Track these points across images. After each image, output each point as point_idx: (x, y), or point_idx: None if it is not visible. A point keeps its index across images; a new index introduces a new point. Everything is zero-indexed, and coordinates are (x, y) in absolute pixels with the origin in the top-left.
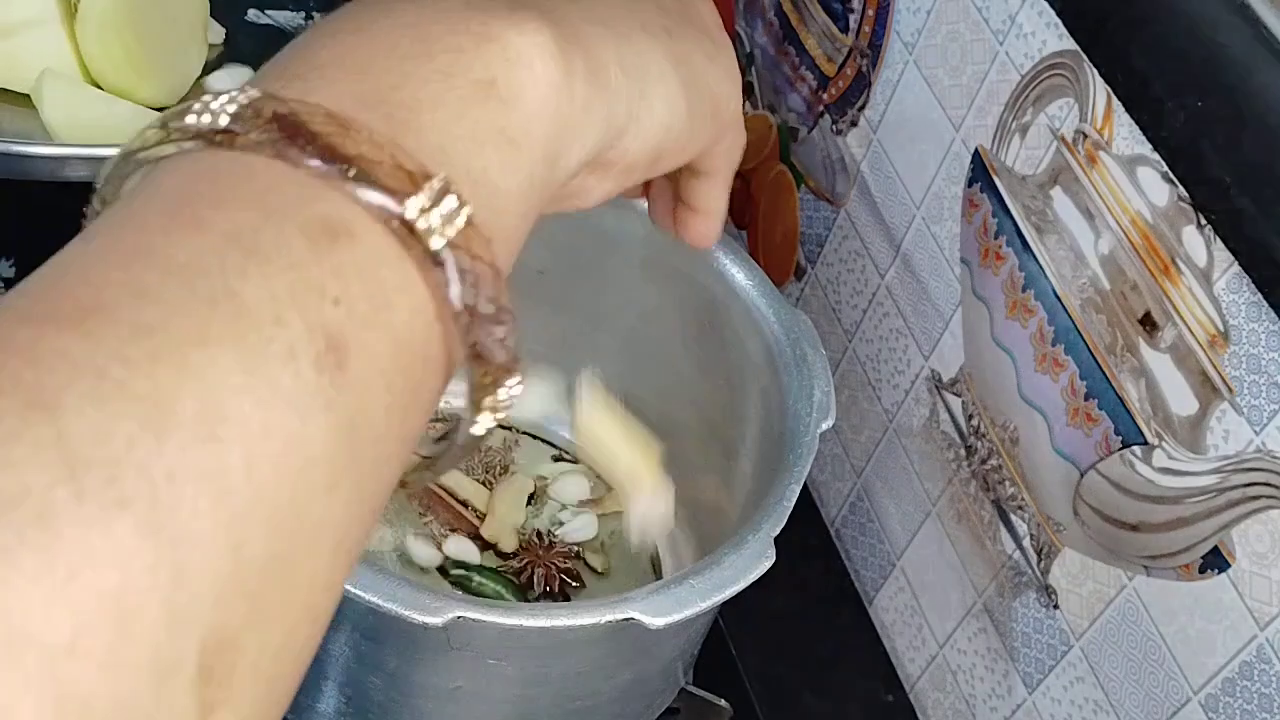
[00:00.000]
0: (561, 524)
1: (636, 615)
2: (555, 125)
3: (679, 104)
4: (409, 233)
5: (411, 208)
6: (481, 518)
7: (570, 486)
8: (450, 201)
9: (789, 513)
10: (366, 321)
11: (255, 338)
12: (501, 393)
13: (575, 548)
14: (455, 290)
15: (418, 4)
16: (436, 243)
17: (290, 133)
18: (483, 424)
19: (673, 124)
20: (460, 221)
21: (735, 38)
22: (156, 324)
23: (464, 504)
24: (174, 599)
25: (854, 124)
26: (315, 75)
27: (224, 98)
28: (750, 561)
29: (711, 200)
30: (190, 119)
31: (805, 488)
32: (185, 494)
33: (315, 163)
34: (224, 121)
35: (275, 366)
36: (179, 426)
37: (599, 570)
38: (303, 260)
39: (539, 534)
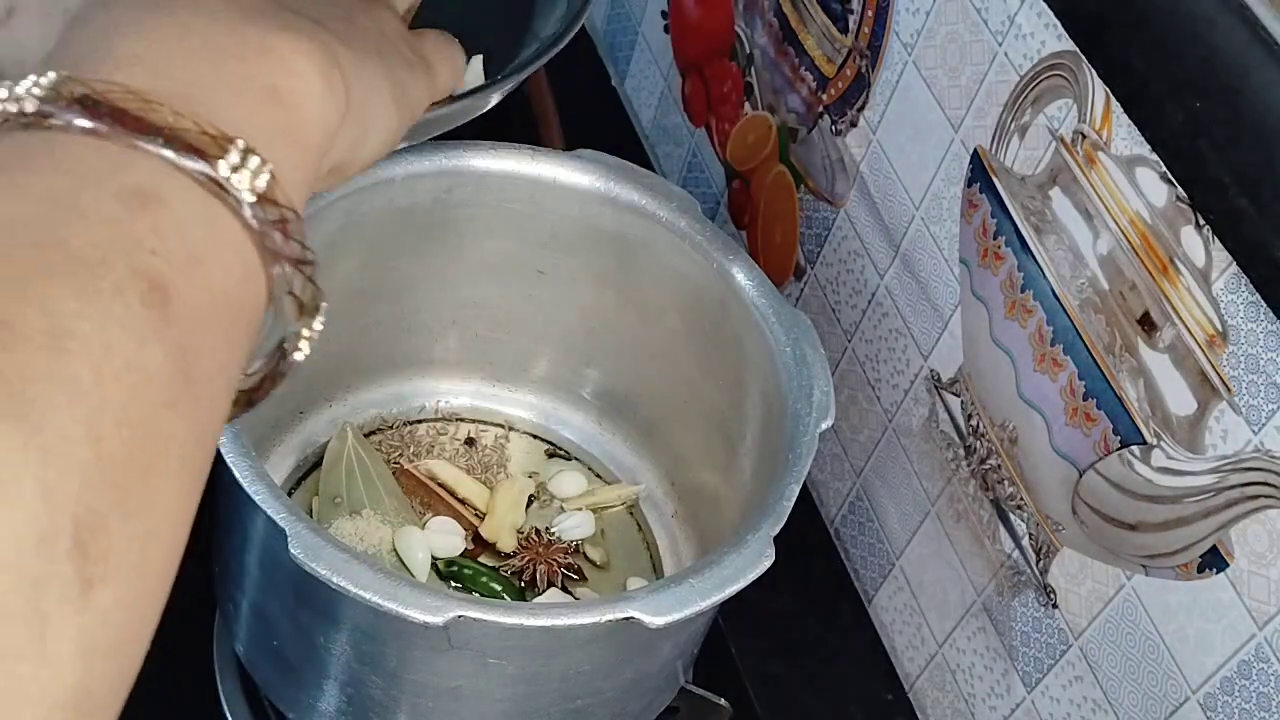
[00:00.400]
0: (559, 521)
1: (636, 614)
2: (323, 132)
3: (393, 121)
4: (221, 189)
5: (223, 167)
6: (481, 516)
7: (567, 483)
8: (254, 160)
9: (789, 512)
10: (184, 270)
11: (85, 274)
12: (315, 322)
13: (575, 542)
14: (273, 237)
15: (193, 6)
16: (248, 195)
17: (97, 110)
18: (303, 351)
19: (390, 139)
20: (265, 177)
21: (735, 38)
22: None
23: (463, 502)
24: (44, 476)
25: (853, 124)
26: (111, 64)
27: (27, 82)
28: (750, 561)
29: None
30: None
31: (805, 487)
32: (40, 391)
33: (125, 133)
34: (30, 106)
35: (107, 298)
36: (27, 340)
37: (597, 563)
38: (119, 217)
39: (537, 531)
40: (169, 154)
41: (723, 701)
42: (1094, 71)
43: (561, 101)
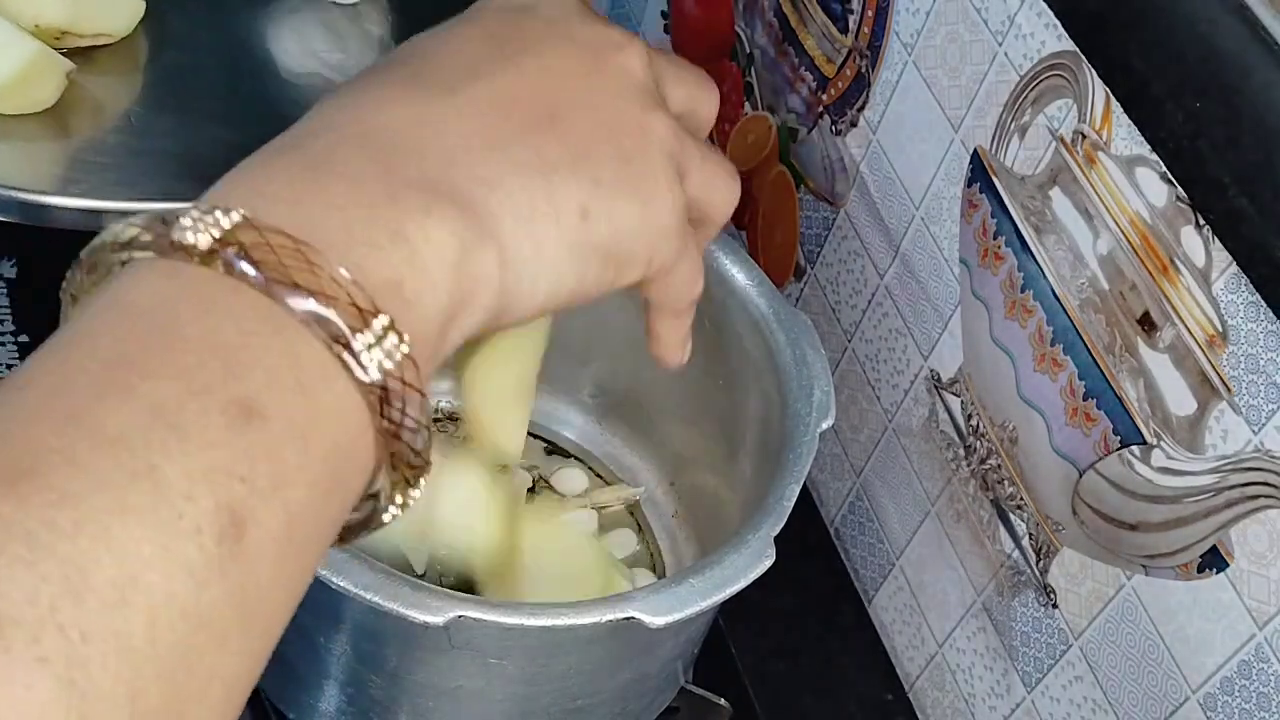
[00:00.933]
0: (562, 517)
1: (636, 614)
2: (442, 319)
3: (568, 279)
4: (355, 360)
5: (360, 341)
6: None
7: (569, 480)
8: (393, 338)
9: (789, 512)
10: (266, 497)
11: (168, 513)
12: (413, 491)
13: None
14: (393, 412)
15: (350, 177)
16: (375, 372)
17: (257, 260)
18: (393, 514)
19: (559, 294)
20: (400, 355)
21: (735, 38)
22: (83, 493)
23: None
24: None
25: (853, 124)
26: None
27: (209, 217)
28: (750, 561)
29: (661, 329)
30: (176, 234)
31: (805, 487)
32: (95, 652)
33: (278, 289)
34: (205, 242)
35: (182, 540)
36: (95, 591)
37: None
38: (218, 442)
39: None
40: (319, 332)
41: (723, 701)
42: (1094, 71)
43: None
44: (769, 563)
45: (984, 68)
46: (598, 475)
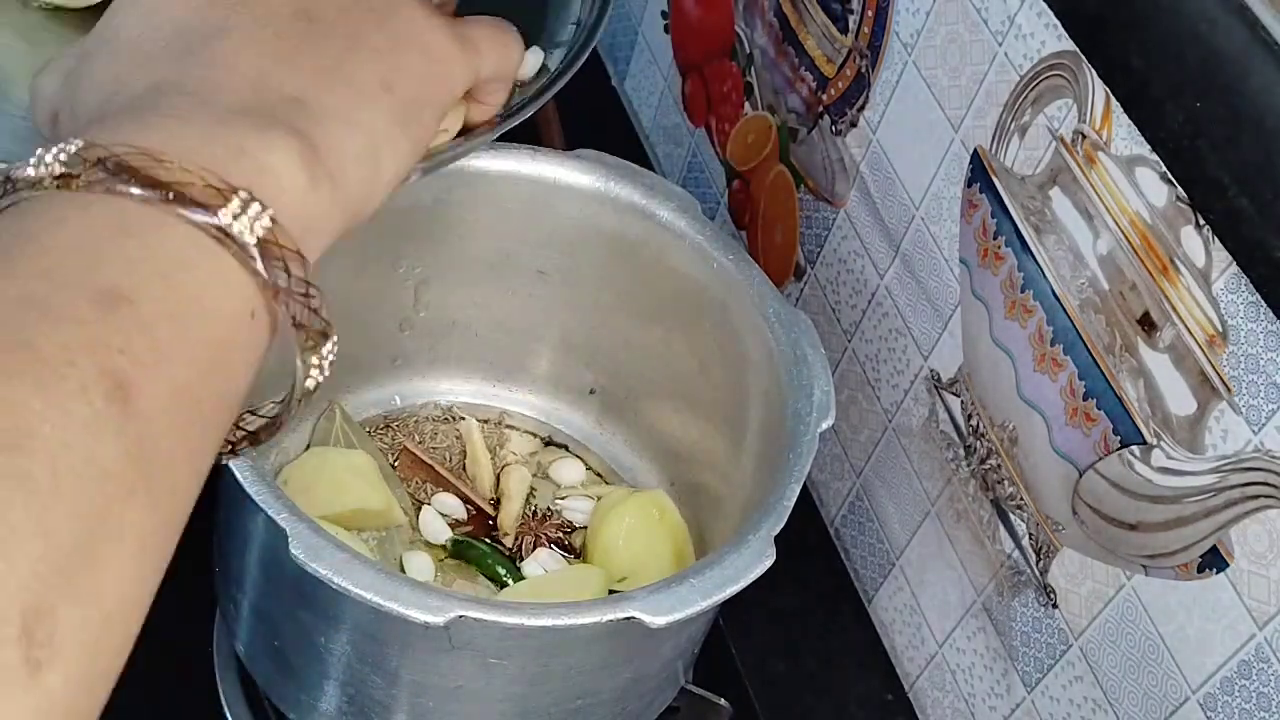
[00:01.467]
0: (562, 504)
1: (637, 614)
2: (301, 225)
3: (405, 153)
4: (226, 235)
5: (225, 215)
6: (488, 500)
7: (567, 471)
8: (255, 207)
9: (789, 512)
10: (147, 367)
11: (50, 374)
12: (324, 350)
13: (571, 524)
14: (276, 276)
15: (179, 116)
16: (249, 239)
17: (115, 170)
18: (314, 378)
19: (404, 166)
20: (266, 221)
21: (735, 38)
22: None
23: (463, 480)
24: None
25: (853, 124)
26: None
27: (55, 149)
28: (750, 561)
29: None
30: (29, 170)
31: (805, 487)
32: (2, 490)
33: (138, 190)
34: (57, 170)
35: (69, 398)
36: None
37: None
38: (89, 319)
39: (534, 512)
40: (175, 208)
41: (723, 701)
42: (1094, 71)
43: (561, 101)
44: (769, 563)
45: (984, 68)
46: (598, 475)
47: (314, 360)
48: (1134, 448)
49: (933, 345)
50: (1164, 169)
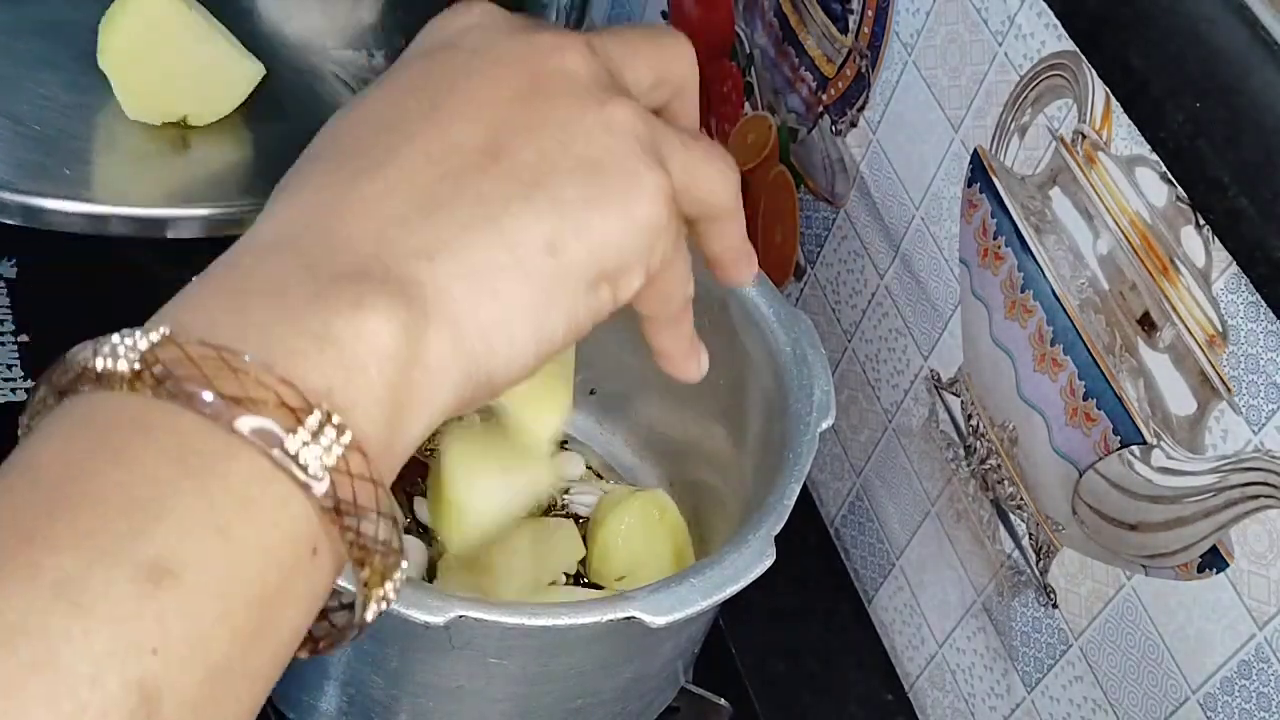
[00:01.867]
0: (569, 497)
1: (637, 614)
2: (388, 414)
3: (555, 321)
4: (294, 461)
5: (294, 442)
6: None
7: (568, 465)
8: (330, 432)
9: (789, 512)
10: (181, 662)
11: (71, 705)
12: (388, 585)
13: (576, 518)
14: (347, 510)
15: (272, 291)
16: (317, 468)
17: (185, 379)
18: (372, 612)
19: (552, 339)
20: (340, 449)
21: (735, 38)
22: None
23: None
24: None
25: (853, 124)
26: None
27: (129, 340)
28: (750, 560)
29: (663, 342)
30: (99, 361)
31: (805, 487)
32: None
33: (208, 398)
34: (124, 367)
35: None
36: None
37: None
38: (127, 613)
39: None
40: (248, 436)
41: (723, 701)
42: (1094, 71)
43: None
44: (769, 563)
45: (984, 68)
46: (597, 475)
47: (376, 594)
48: (1134, 448)
49: (933, 345)
50: (1164, 169)
